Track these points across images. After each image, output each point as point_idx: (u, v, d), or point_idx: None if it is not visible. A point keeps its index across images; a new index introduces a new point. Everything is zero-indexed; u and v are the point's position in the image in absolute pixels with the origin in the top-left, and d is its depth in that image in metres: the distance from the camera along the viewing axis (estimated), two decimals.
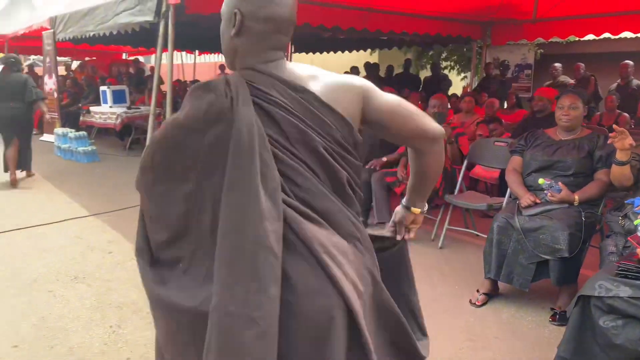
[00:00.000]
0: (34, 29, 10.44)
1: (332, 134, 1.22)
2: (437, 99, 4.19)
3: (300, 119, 1.19)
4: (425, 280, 3.45)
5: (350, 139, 1.26)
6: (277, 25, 1.27)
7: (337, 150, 1.23)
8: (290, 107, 1.19)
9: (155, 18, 5.48)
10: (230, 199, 1.13)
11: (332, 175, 1.23)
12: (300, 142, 1.19)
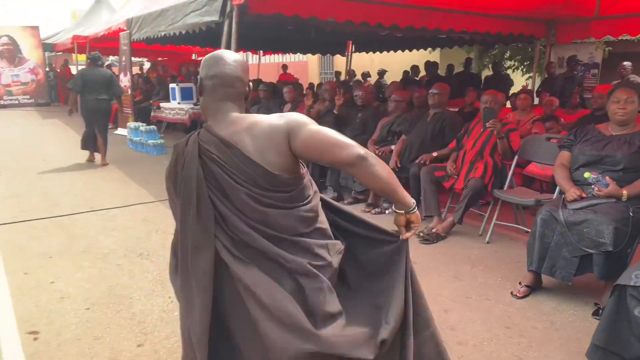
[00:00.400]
0: (112, 30, 11.21)
1: (257, 182, 1.53)
2: (489, 95, 4.20)
3: (230, 172, 1.53)
4: (468, 272, 3.50)
5: (276, 182, 1.54)
6: (222, 80, 1.61)
7: (262, 194, 1.53)
8: (222, 162, 1.53)
9: (220, 18, 5.81)
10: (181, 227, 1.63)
11: (260, 215, 1.53)
12: (230, 189, 1.53)
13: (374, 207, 4.89)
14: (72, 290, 3.25)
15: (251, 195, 1.52)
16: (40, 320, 2.87)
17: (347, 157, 1.54)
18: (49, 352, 2.55)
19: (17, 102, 17.08)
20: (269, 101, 7.05)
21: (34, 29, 17.47)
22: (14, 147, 8.86)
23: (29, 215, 4.88)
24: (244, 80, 1.65)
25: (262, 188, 1.53)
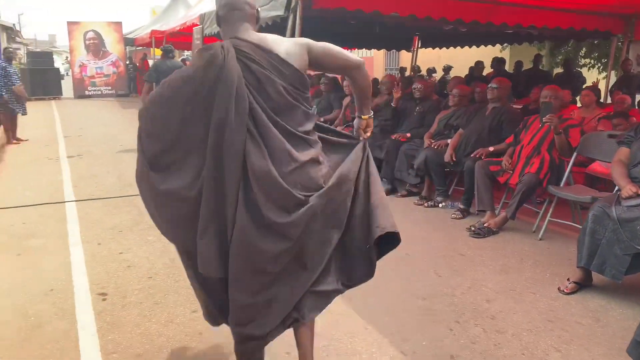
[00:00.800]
0: (186, 26, 11.79)
1: (288, 79, 1.80)
2: (549, 89, 4.11)
3: (268, 70, 1.77)
4: (516, 266, 3.47)
5: (299, 81, 1.83)
6: (233, 5, 1.86)
7: (290, 89, 1.80)
8: (261, 63, 1.77)
9: (285, 12, 6.01)
10: (214, 116, 1.73)
11: (288, 104, 1.80)
12: (269, 85, 1.77)
13: (427, 200, 4.91)
14: (138, 261, 3.55)
15: (285, 87, 1.79)
16: (109, 285, 3.18)
17: (354, 61, 1.96)
18: (114, 311, 2.84)
19: (100, 92, 18.32)
20: (330, 94, 7.19)
21: (117, 25, 18.64)
22: (96, 133, 9.58)
23: (104, 193, 5.32)
24: (250, 3, 1.89)
25: (292, 85, 1.81)
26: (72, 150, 7.81)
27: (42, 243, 3.90)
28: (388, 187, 5.30)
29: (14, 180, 5.92)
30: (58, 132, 9.84)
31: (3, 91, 8.23)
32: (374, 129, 2.25)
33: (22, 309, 2.84)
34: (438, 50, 12.95)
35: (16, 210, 4.76)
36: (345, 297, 2.93)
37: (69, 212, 4.74)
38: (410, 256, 3.63)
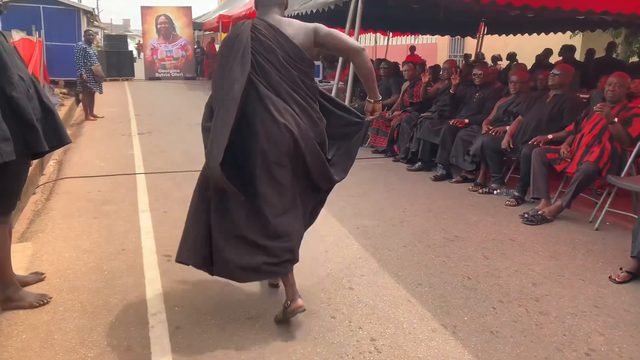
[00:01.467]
0: (252, 11, 12.12)
1: (288, 52, 2.31)
2: (614, 76, 3.98)
3: (273, 43, 2.29)
4: (567, 253, 3.45)
5: (299, 56, 2.32)
6: None
7: (289, 60, 2.31)
8: (268, 37, 2.30)
9: None
10: (224, 70, 2.30)
11: (287, 73, 2.32)
12: (271, 53, 2.29)
13: (482, 187, 4.90)
14: None
15: (285, 58, 2.31)
16: (173, 248, 3.41)
17: (355, 46, 2.36)
18: (176, 270, 3.09)
19: (169, 75, 19.13)
20: (389, 79, 7.23)
21: (186, 9, 19.32)
22: (165, 113, 10.11)
23: (172, 167, 5.67)
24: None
25: (291, 58, 2.33)
26: (142, 128, 8.30)
27: (115, 209, 4.25)
28: (443, 172, 5.32)
29: (91, 153, 6.41)
30: (130, 111, 10.45)
31: (83, 70, 8.85)
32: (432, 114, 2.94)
33: (99, 264, 3.16)
34: (504, 38, 12.59)
35: (93, 179, 5.18)
36: (391, 272, 3.06)
37: (139, 183, 5.10)
38: (460, 239, 3.68)
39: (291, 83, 2.33)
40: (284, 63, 2.30)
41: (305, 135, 2.31)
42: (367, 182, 5.22)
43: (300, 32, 2.33)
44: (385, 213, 4.24)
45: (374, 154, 6.65)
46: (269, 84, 2.30)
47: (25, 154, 2.48)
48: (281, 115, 2.27)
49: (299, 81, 2.35)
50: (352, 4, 6.07)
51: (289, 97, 2.32)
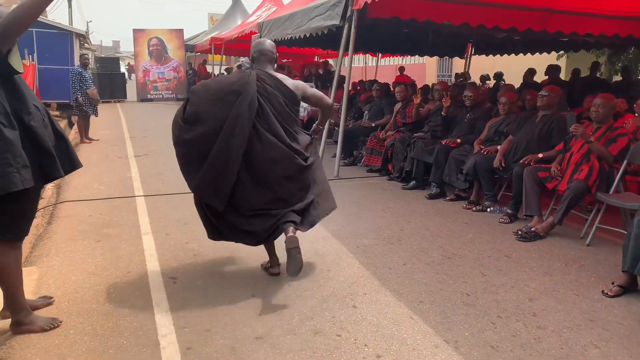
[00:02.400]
0: (245, 33, 12.32)
1: (288, 98, 3.10)
2: (599, 98, 4.17)
3: (275, 90, 3.05)
4: (561, 269, 3.57)
5: (296, 101, 3.16)
6: (263, 52, 3.17)
7: (288, 103, 3.10)
8: (271, 85, 3.04)
9: (341, 22, 6.29)
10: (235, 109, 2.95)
11: (285, 113, 3.09)
12: (273, 96, 3.04)
13: (475, 205, 5.03)
14: (203, 251, 3.89)
15: (284, 101, 3.09)
16: (178, 270, 3.53)
17: (328, 103, 3.43)
18: (183, 292, 3.17)
19: (161, 96, 19.28)
20: (381, 100, 7.40)
21: (178, 32, 19.58)
22: (159, 134, 10.18)
23: (169, 189, 5.75)
24: (273, 52, 3.22)
25: (288, 101, 3.11)
26: (138, 150, 8.38)
27: (118, 232, 4.32)
28: (437, 191, 5.45)
29: (89, 176, 6.47)
30: (125, 133, 10.54)
31: (79, 94, 8.95)
32: (425, 134, 4.20)
33: (106, 287, 3.22)
34: (492, 58, 12.89)
35: (93, 203, 5.24)
36: (392, 289, 3.16)
37: (139, 205, 5.17)
38: (457, 256, 3.79)
39: (285, 116, 3.11)
40: (283, 105, 3.09)
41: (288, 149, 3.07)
42: (364, 201, 5.33)
43: (294, 85, 3.19)
44: (383, 232, 4.34)
45: (368, 172, 6.78)
46: (266, 122, 3.04)
47: (41, 179, 2.56)
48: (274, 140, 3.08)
49: (292, 120, 3.17)
50: (344, 29, 6.26)
51: (281, 127, 3.07)
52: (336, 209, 3.56)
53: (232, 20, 18.44)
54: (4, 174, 2.32)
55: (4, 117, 2.36)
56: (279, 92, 3.05)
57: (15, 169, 2.34)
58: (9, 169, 2.33)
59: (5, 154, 2.32)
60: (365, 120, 7.36)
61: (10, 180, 2.34)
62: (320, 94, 3.41)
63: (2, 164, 2.31)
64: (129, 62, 39.84)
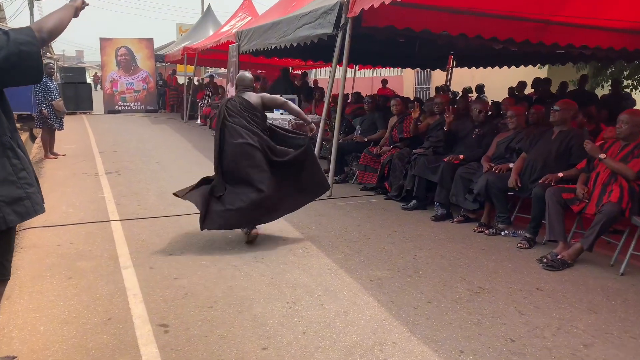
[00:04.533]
0: (221, 43, 11.80)
1: (252, 112, 4.14)
2: (626, 114, 3.88)
3: (240, 106, 4.13)
4: (604, 304, 3.20)
5: (259, 112, 4.18)
6: (244, 84, 4.27)
7: (251, 116, 4.11)
8: (237, 104, 4.14)
9: (334, 30, 5.89)
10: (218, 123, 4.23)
11: (251, 123, 4.10)
12: (240, 115, 4.09)
13: (487, 228, 4.66)
14: (195, 288, 3.37)
15: (248, 115, 4.10)
16: (169, 314, 3.00)
17: (282, 101, 4.26)
18: (178, 345, 2.64)
19: (130, 108, 18.47)
20: (373, 114, 7.01)
21: (148, 41, 18.85)
22: (131, 149, 9.54)
23: (149, 212, 5.18)
24: (251, 80, 4.32)
25: (251, 113, 4.11)
26: (109, 166, 7.74)
27: (93, 265, 3.75)
28: (443, 212, 5.06)
29: (56, 197, 5.83)
30: (93, 147, 9.83)
31: (43, 106, 8.24)
32: (426, 151, 5.36)
33: (82, 341, 2.66)
34: (472, 70, 12.77)
35: (62, 229, 4.64)
36: (424, 336, 2.71)
37: (116, 232, 4.60)
38: (485, 290, 3.38)
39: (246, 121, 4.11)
40: (245, 116, 4.12)
41: (254, 144, 4.06)
42: (365, 224, 4.90)
43: (255, 101, 4.19)
44: (395, 261, 3.91)
45: (362, 191, 6.35)
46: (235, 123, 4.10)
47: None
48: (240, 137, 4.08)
49: (251, 119, 4.14)
50: (338, 38, 5.86)
51: (245, 128, 4.09)
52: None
53: (204, 30, 17.85)
54: (29, 195, 2.22)
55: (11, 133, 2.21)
56: (243, 108, 4.15)
57: (37, 189, 2.30)
58: (31, 190, 2.25)
59: (22, 172, 2.21)
60: (357, 135, 6.93)
61: (35, 202, 2.27)
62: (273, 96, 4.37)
63: (24, 184, 2.21)
64: (96, 72, 38.58)
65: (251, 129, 4.05)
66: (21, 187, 2.25)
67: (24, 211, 2.26)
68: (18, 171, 2.24)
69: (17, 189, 2.23)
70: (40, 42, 2.17)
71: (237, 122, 4.05)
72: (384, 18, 5.89)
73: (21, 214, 2.25)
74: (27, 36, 2.11)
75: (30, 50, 2.10)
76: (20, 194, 2.24)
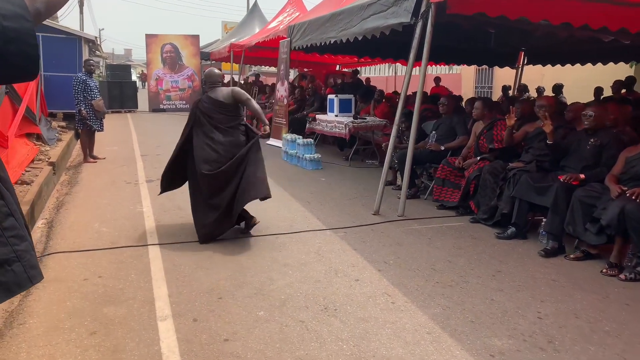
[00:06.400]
0: (270, 39, 11.00)
1: (219, 107, 4.24)
2: None
3: (210, 105, 4.26)
4: None
5: (225, 107, 4.26)
6: (211, 80, 4.38)
7: (222, 112, 4.24)
8: (208, 103, 4.27)
9: (412, 19, 4.94)
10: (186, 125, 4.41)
11: (218, 116, 4.23)
12: (209, 113, 4.23)
13: (619, 270, 3.61)
14: (252, 357, 2.51)
15: (217, 110, 4.21)
16: None
17: (245, 97, 4.27)
18: None
19: (174, 106, 18.03)
20: (451, 118, 5.99)
21: (194, 38, 18.36)
22: None
23: (192, 233, 4.37)
24: (221, 76, 4.48)
25: (220, 109, 4.22)
26: (151, 173, 7.04)
27: (123, 314, 2.95)
28: (554, 245, 4.03)
29: (89, 211, 5.13)
30: (135, 150, 9.23)
31: (82, 106, 7.64)
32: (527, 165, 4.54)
33: None
34: (541, 68, 11.53)
35: (91, 256, 3.89)
36: None
37: (153, 260, 3.82)
38: None
39: (220, 123, 4.19)
40: (218, 113, 4.19)
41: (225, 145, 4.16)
42: (457, 259, 3.92)
43: (225, 95, 4.22)
44: (515, 321, 2.93)
45: (440, 209, 5.37)
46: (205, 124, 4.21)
47: None
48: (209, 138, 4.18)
49: (226, 121, 4.21)
50: (417, 28, 4.89)
51: (215, 128, 4.18)
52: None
53: (250, 27, 17.16)
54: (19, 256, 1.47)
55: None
56: (213, 105, 4.21)
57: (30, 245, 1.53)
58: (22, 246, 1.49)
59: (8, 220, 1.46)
60: (432, 142, 5.94)
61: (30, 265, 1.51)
62: (241, 92, 4.29)
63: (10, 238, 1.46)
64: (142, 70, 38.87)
65: (222, 128, 4.16)
66: (7, 242, 1.45)
67: (11, 281, 1.46)
68: (3, 218, 1.44)
69: (2, 246, 1.44)
70: (35, 16, 1.37)
71: (210, 124, 4.17)
72: (473, 4, 4.89)
73: (7, 285, 1.45)
74: (16, 6, 1.28)
75: (21, 27, 1.28)
76: (7, 253, 1.44)
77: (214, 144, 4.10)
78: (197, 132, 4.19)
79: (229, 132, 4.16)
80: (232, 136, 4.16)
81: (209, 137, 4.12)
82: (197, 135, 4.18)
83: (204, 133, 4.15)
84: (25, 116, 8.09)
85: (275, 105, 10.56)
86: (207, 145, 4.11)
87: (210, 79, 4.35)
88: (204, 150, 4.10)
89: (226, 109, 4.19)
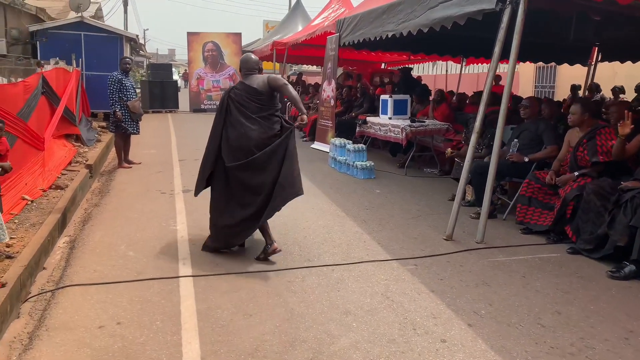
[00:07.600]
0: (316, 35, 10.27)
1: (256, 95, 3.81)
2: None
3: (244, 92, 3.84)
4: None
5: (264, 97, 3.81)
6: (247, 66, 3.93)
7: (255, 100, 3.81)
8: (242, 90, 3.85)
9: (497, 5, 4.08)
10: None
11: (251, 105, 3.80)
12: (241, 101, 3.82)
13: None
14: None
15: (250, 98, 3.81)
16: None
17: (282, 82, 3.84)
18: None
19: (215, 107, 17.52)
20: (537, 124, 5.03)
21: (236, 36, 17.82)
22: None
23: (231, 261, 3.68)
24: (259, 63, 4.02)
25: (254, 97, 3.81)
26: (188, 181, 6.39)
27: None
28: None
29: (117, 228, 4.50)
30: (173, 154, 8.66)
31: (117, 107, 7.09)
32: None
33: None
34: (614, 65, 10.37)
35: (112, 291, 3.23)
36: None
37: (185, 299, 3.12)
38: None
39: (250, 109, 3.82)
40: (250, 102, 3.81)
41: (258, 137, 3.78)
42: (569, 309, 3.04)
43: (262, 82, 3.82)
44: None
45: (525, 234, 4.47)
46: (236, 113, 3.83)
47: None
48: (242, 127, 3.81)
49: (258, 110, 3.82)
50: (505, 16, 4.02)
51: (247, 118, 3.81)
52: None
53: (293, 25, 16.50)
54: None
55: None
56: (247, 93, 3.83)
57: None
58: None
59: None
60: (514, 152, 5.02)
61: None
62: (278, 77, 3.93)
63: None
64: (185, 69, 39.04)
65: (254, 118, 3.83)
66: None
67: None
68: None
69: None
70: None
71: (241, 113, 3.83)
72: None
73: None
74: None
75: None
76: None
77: (244, 134, 3.76)
78: (227, 122, 3.85)
79: (261, 123, 3.82)
80: (264, 127, 3.81)
81: (240, 126, 3.79)
82: (227, 126, 3.84)
83: (233, 123, 3.82)
84: (63, 117, 7.66)
85: (321, 106, 9.80)
86: (238, 135, 3.77)
87: (246, 65, 3.94)
88: (235, 141, 3.78)
89: (260, 98, 3.81)
